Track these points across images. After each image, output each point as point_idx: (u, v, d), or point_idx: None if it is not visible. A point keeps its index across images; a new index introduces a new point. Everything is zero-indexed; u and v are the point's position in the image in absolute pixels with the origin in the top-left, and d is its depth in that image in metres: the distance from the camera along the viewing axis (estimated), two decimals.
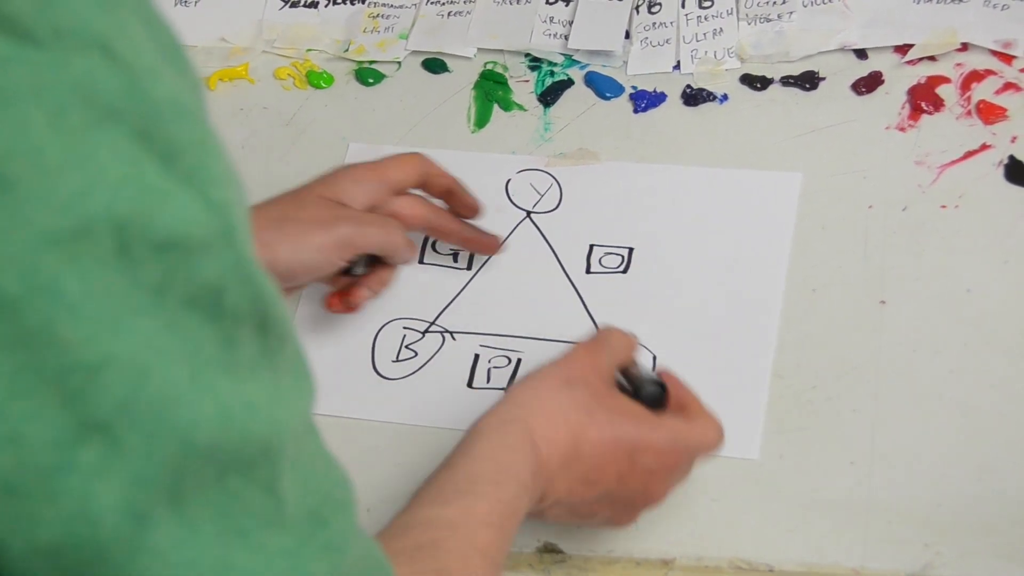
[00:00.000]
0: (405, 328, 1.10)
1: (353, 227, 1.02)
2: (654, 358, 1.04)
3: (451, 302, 1.11)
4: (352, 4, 1.31)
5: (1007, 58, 1.17)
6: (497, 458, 0.84)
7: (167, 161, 0.55)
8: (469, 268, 1.13)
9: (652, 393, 0.92)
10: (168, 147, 0.56)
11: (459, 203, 1.09)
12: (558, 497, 0.87)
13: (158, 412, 0.55)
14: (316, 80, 1.27)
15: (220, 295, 0.57)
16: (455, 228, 1.09)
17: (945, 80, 1.16)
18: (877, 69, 1.18)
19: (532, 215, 1.15)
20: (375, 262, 1.06)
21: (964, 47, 1.17)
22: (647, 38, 1.23)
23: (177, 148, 0.56)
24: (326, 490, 0.64)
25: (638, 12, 1.25)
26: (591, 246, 1.12)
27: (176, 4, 1.34)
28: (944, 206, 1.09)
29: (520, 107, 1.22)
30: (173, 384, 0.55)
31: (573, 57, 1.24)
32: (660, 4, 1.25)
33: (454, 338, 1.09)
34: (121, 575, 0.56)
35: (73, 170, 0.53)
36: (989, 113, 1.14)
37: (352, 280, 1.06)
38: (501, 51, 1.26)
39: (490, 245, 1.11)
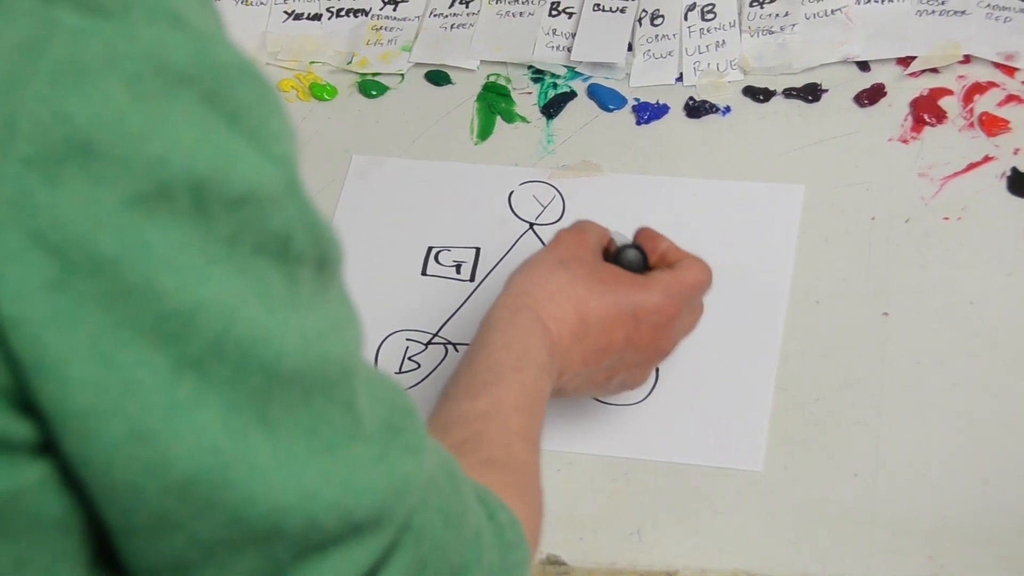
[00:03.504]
0: (408, 340, 1.10)
1: None
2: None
3: (454, 314, 1.11)
4: (355, 17, 1.31)
5: (1009, 70, 1.17)
6: (514, 346, 0.89)
7: (233, 122, 0.59)
8: (472, 280, 1.13)
9: (633, 257, 0.98)
10: (233, 108, 0.59)
11: None
12: (576, 370, 0.93)
13: (245, 347, 0.60)
14: (319, 92, 1.27)
15: (287, 241, 0.61)
16: None
17: (948, 92, 1.16)
18: (880, 81, 1.18)
19: (535, 227, 1.15)
20: None
21: (967, 59, 1.18)
22: (650, 50, 1.23)
23: (241, 108, 0.60)
24: (392, 400, 0.68)
25: (641, 24, 1.25)
26: None
27: None
28: (947, 218, 1.10)
29: (523, 119, 1.22)
30: (255, 322, 0.60)
31: (576, 69, 1.25)
32: (663, 16, 1.25)
33: (456, 350, 1.09)
34: (244, 495, 0.61)
35: (153, 136, 0.57)
36: (992, 125, 1.14)
37: None
38: (504, 63, 1.26)
39: None
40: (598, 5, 1.26)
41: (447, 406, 0.87)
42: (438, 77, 1.27)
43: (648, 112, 1.21)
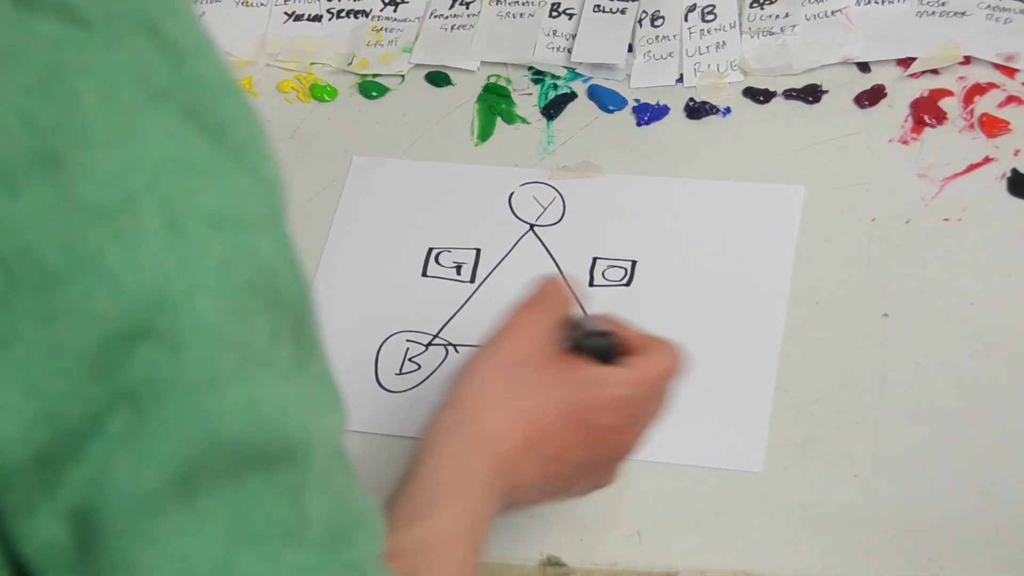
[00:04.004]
0: (408, 341, 1.10)
1: None
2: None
3: (454, 315, 1.11)
4: (356, 18, 1.31)
5: (1010, 71, 1.17)
6: (450, 467, 0.80)
7: (216, 137, 0.56)
8: (472, 281, 1.13)
9: (597, 345, 0.86)
10: (217, 123, 0.57)
11: None
12: (530, 483, 0.83)
13: (188, 394, 0.55)
14: (320, 93, 1.27)
15: (275, 277, 0.57)
16: None
17: (948, 93, 1.16)
18: (880, 82, 1.18)
19: (535, 228, 1.15)
20: None
21: (967, 60, 1.18)
22: (650, 51, 1.24)
23: (226, 124, 0.57)
24: (356, 514, 0.62)
25: (641, 25, 1.25)
26: (594, 259, 1.12)
27: None
28: (947, 219, 1.10)
29: (523, 120, 1.22)
30: (212, 368, 0.55)
31: (576, 70, 1.25)
32: (663, 17, 1.25)
33: (457, 351, 1.09)
34: (120, 554, 0.55)
35: (118, 146, 0.54)
36: (992, 126, 1.14)
37: None
38: (504, 64, 1.26)
39: None
40: (598, 6, 1.26)
41: (388, 535, 0.76)
42: (438, 78, 1.27)
43: (648, 113, 1.21)
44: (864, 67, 1.20)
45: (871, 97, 1.18)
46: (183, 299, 0.54)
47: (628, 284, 1.11)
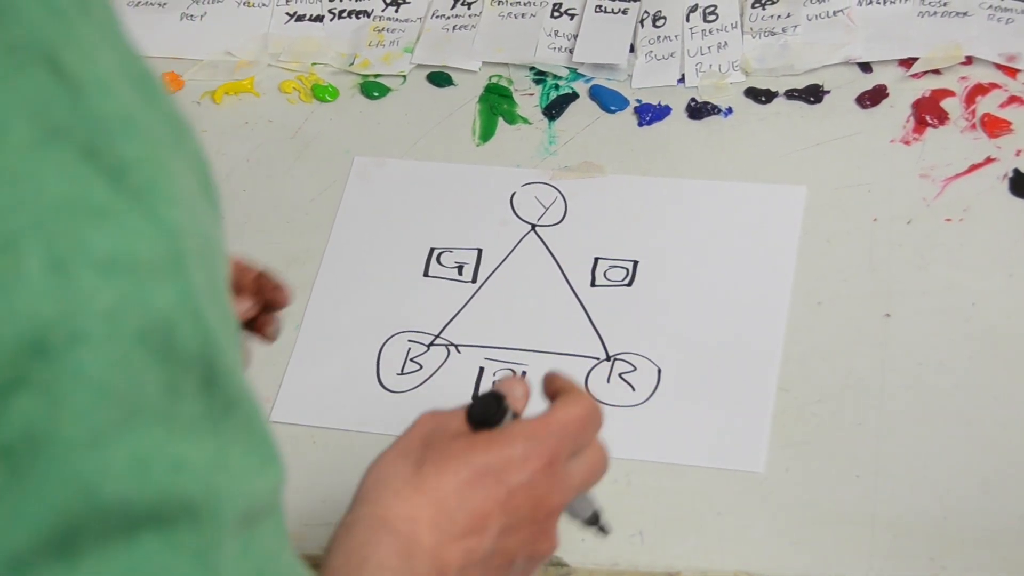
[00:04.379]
0: (410, 341, 1.10)
1: None
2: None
3: (456, 315, 1.11)
4: (357, 18, 1.31)
5: (1011, 71, 1.17)
6: (352, 557, 0.75)
7: (115, 179, 0.52)
8: (474, 281, 1.13)
9: (482, 409, 0.81)
10: (117, 164, 0.52)
11: (270, 288, 0.97)
12: (460, 564, 0.77)
13: (66, 451, 0.50)
14: (321, 93, 1.27)
15: (171, 330, 0.52)
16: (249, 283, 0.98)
17: (950, 93, 1.16)
18: (882, 82, 1.18)
19: (537, 228, 1.15)
20: None
21: (968, 60, 1.18)
22: (652, 51, 1.24)
23: (126, 165, 0.53)
24: None
25: (643, 26, 1.25)
26: (596, 259, 1.12)
27: (182, 18, 1.34)
28: (949, 219, 1.10)
29: (525, 120, 1.22)
30: (94, 423, 0.50)
31: (578, 70, 1.25)
32: (665, 18, 1.25)
33: (459, 351, 1.09)
34: None
35: (4, 184, 0.50)
36: (994, 126, 1.14)
37: None
38: (506, 64, 1.26)
39: (282, 299, 0.98)
40: (600, 7, 1.26)
41: None
42: (440, 78, 1.27)
43: (650, 113, 1.21)
44: (866, 67, 1.20)
45: (873, 97, 1.18)
46: (65, 348, 0.50)
47: (630, 284, 1.11)
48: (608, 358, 1.07)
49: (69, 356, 0.50)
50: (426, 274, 1.14)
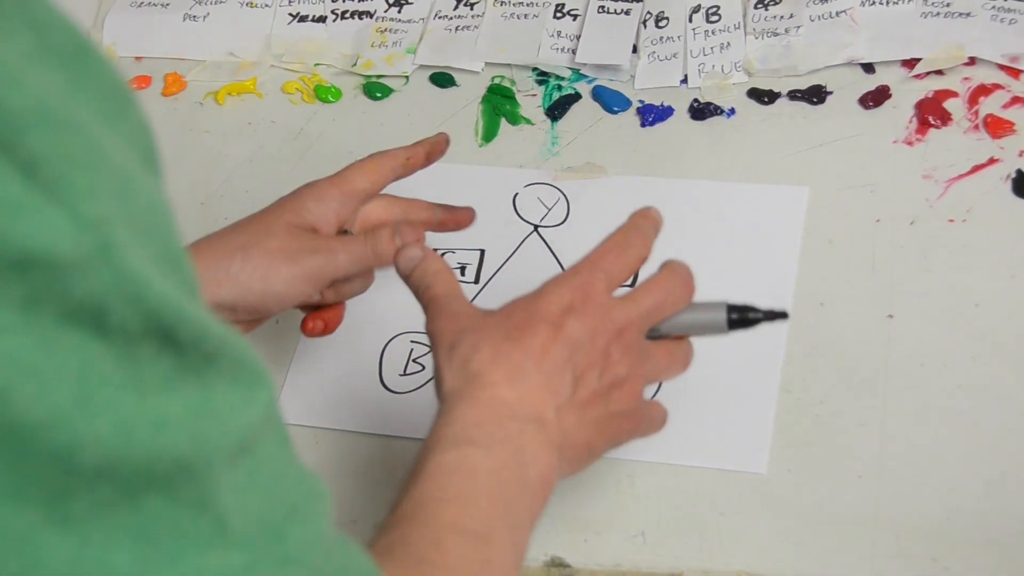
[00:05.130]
0: (412, 342, 1.10)
1: (322, 258, 0.98)
2: None
3: None
4: (360, 19, 1.31)
5: (1014, 72, 1.17)
6: (432, 437, 0.81)
7: (28, 173, 0.51)
8: (476, 282, 1.13)
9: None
10: (30, 158, 0.52)
11: (428, 154, 1.06)
12: (554, 406, 0.83)
13: (26, 432, 0.51)
14: (324, 94, 1.27)
15: (103, 313, 0.53)
16: (429, 217, 1.05)
17: (952, 94, 1.16)
18: (884, 83, 1.18)
19: (539, 229, 1.15)
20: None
21: (971, 61, 1.18)
22: (654, 52, 1.24)
23: (40, 159, 0.52)
24: (290, 502, 0.61)
25: (645, 26, 1.25)
26: None
27: (185, 19, 1.34)
28: (952, 220, 1.09)
29: (527, 121, 1.22)
30: (48, 403, 0.52)
31: (580, 71, 1.25)
32: (667, 18, 1.25)
33: None
34: None
35: None
36: (997, 127, 1.14)
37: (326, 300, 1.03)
38: (509, 65, 1.26)
39: (466, 217, 1.07)
40: (602, 7, 1.26)
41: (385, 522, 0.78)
42: (442, 79, 1.27)
43: (653, 114, 1.21)
44: (868, 68, 1.20)
45: (875, 98, 1.18)
46: None
47: (631, 285, 1.10)
48: None
49: None
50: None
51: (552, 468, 0.83)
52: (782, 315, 0.90)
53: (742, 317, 0.90)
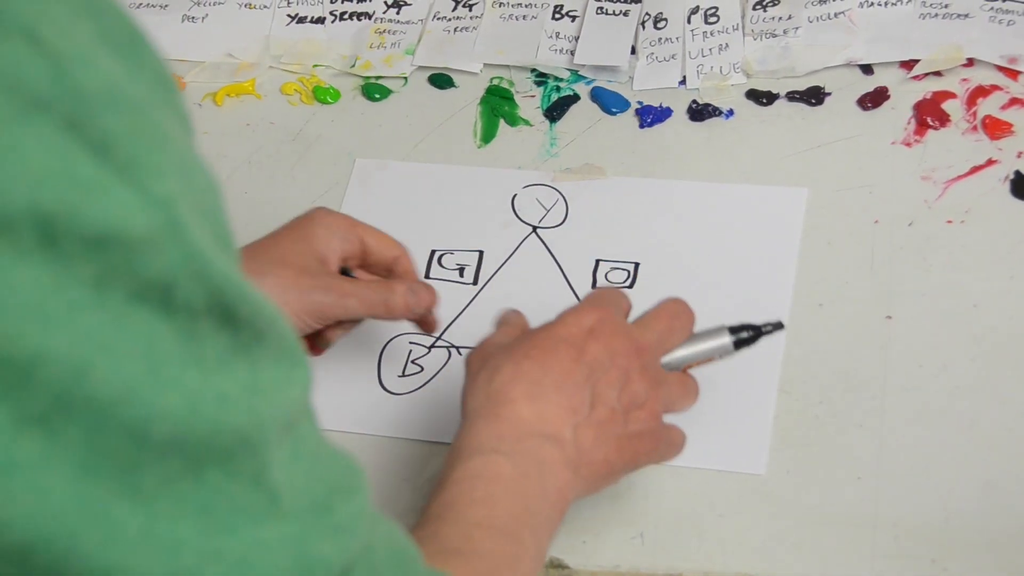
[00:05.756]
0: (411, 343, 1.10)
1: (333, 299, 0.99)
2: None
3: (457, 317, 1.11)
4: (359, 20, 1.31)
5: (1013, 73, 1.17)
6: (457, 444, 0.85)
7: (100, 153, 0.53)
8: (475, 283, 1.13)
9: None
10: (101, 138, 0.53)
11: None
12: (571, 424, 0.86)
13: (101, 407, 0.53)
14: (322, 95, 1.27)
15: (170, 290, 0.54)
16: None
17: (951, 95, 1.16)
18: (883, 84, 1.18)
19: (538, 230, 1.15)
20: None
21: (970, 62, 1.18)
22: (653, 53, 1.24)
23: (112, 139, 0.54)
24: (331, 479, 0.63)
25: (644, 28, 1.25)
26: (597, 261, 1.12)
27: (183, 20, 1.34)
28: (950, 221, 1.09)
29: (526, 122, 1.22)
30: (117, 379, 0.53)
31: (579, 72, 1.25)
32: (666, 20, 1.25)
33: (460, 353, 1.09)
34: (97, 567, 0.55)
35: None
36: (995, 128, 1.14)
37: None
38: (507, 66, 1.26)
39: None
40: (601, 8, 1.26)
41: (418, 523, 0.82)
42: (441, 80, 1.27)
43: (651, 115, 1.21)
44: (867, 69, 1.20)
45: (874, 99, 1.18)
46: (65, 318, 0.53)
47: (631, 286, 1.11)
48: None
49: (71, 326, 0.52)
50: (427, 276, 1.14)
51: (568, 485, 0.85)
52: (779, 326, 0.95)
53: (746, 337, 0.95)
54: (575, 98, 1.23)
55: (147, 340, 0.54)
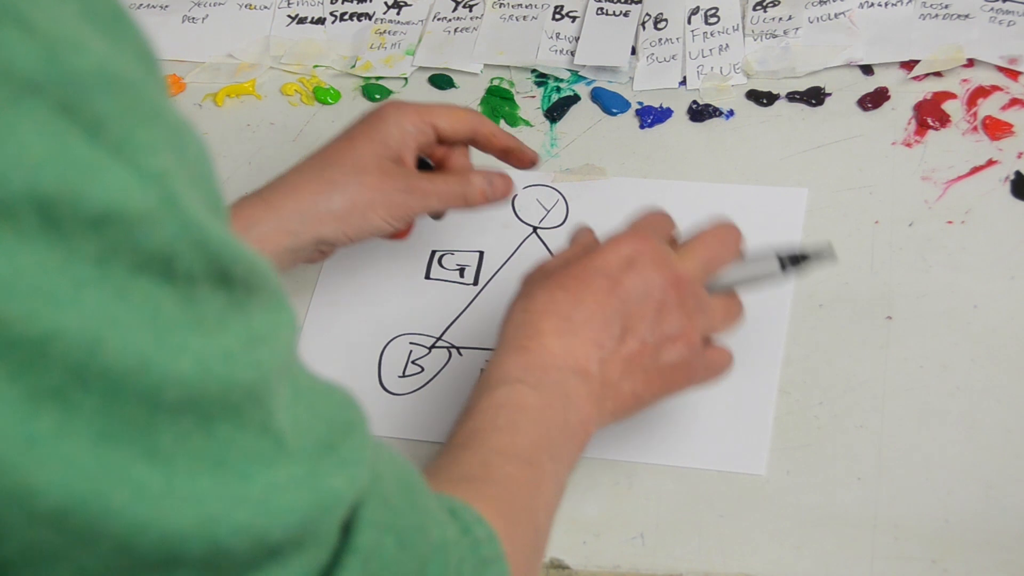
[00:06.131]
0: (411, 344, 1.10)
1: (415, 199, 1.03)
2: None
3: (457, 317, 1.11)
4: (359, 20, 1.31)
5: (1013, 74, 1.17)
6: (487, 375, 0.87)
7: (93, 134, 0.55)
8: (475, 284, 1.13)
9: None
10: (94, 119, 0.55)
11: (518, 159, 1.09)
12: (598, 359, 0.88)
13: (115, 376, 0.55)
14: (323, 96, 1.27)
15: (170, 261, 0.56)
16: (504, 145, 1.08)
17: (951, 96, 1.16)
18: (883, 85, 1.18)
19: (538, 230, 1.15)
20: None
21: (970, 63, 1.18)
22: (653, 54, 1.24)
23: (104, 119, 0.55)
24: (330, 415, 0.64)
25: (644, 28, 1.25)
26: None
27: (183, 20, 1.34)
28: (950, 221, 1.10)
29: (526, 123, 1.22)
30: (128, 348, 0.55)
31: (579, 73, 1.25)
32: (666, 20, 1.25)
33: (460, 353, 1.09)
34: (129, 523, 0.57)
35: None
36: (995, 129, 1.14)
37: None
38: (507, 67, 1.26)
39: (531, 158, 1.09)
40: (601, 9, 1.26)
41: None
42: (441, 81, 1.27)
43: (651, 116, 1.21)
44: (867, 70, 1.20)
45: (874, 100, 1.18)
46: (72, 296, 0.54)
47: None
48: None
49: (76, 301, 0.54)
50: (428, 276, 1.14)
51: (591, 418, 0.88)
52: (830, 253, 0.96)
53: (796, 265, 0.95)
54: (575, 99, 1.23)
55: (152, 310, 0.56)
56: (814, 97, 1.19)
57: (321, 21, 1.32)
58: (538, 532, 0.82)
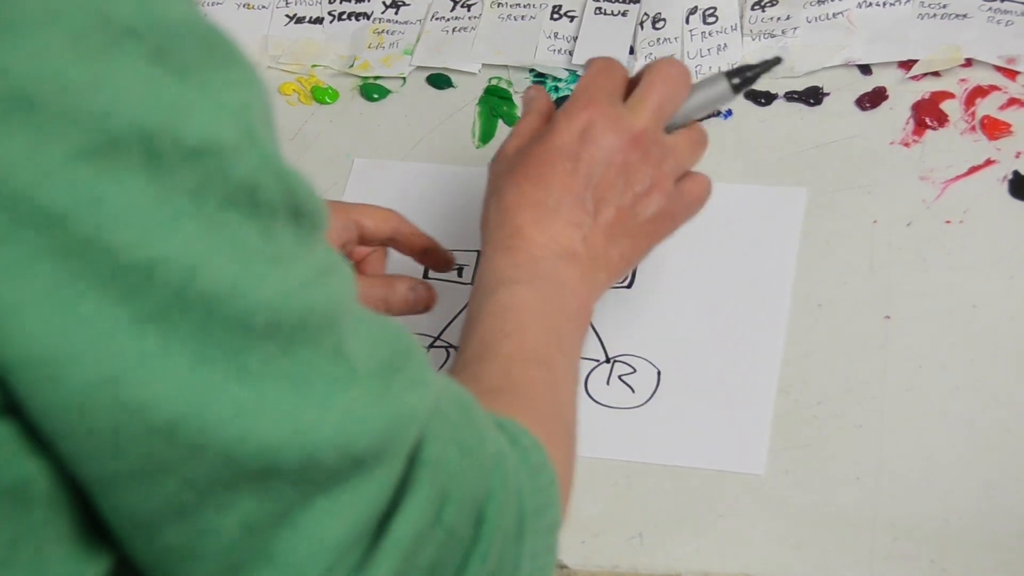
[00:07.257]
0: None
1: None
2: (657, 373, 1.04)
3: (455, 317, 1.11)
4: (357, 20, 1.31)
5: (1011, 74, 1.17)
6: (481, 279, 0.91)
7: (182, 75, 0.59)
8: (472, 283, 1.13)
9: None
10: (183, 63, 0.59)
11: (434, 261, 1.08)
12: (580, 237, 0.92)
13: (210, 302, 0.60)
14: (321, 96, 1.27)
15: (255, 192, 0.61)
16: (424, 246, 1.07)
17: (949, 96, 1.16)
18: (881, 84, 1.18)
19: None
20: None
21: (968, 63, 1.18)
22: (651, 54, 1.24)
23: (190, 63, 0.60)
24: (392, 343, 0.69)
25: (642, 28, 1.25)
26: None
27: None
28: (949, 221, 1.10)
29: None
30: (222, 276, 0.60)
31: (577, 73, 1.25)
32: (664, 20, 1.25)
33: None
34: (232, 434, 0.61)
35: (97, 89, 0.57)
36: (993, 128, 1.14)
37: None
38: (506, 67, 1.26)
39: (448, 259, 1.08)
40: (599, 8, 1.26)
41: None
42: (440, 80, 1.27)
43: None
44: (865, 69, 1.20)
45: (872, 99, 1.18)
46: (171, 226, 0.59)
47: (629, 286, 1.11)
48: (608, 360, 1.07)
49: (175, 231, 0.59)
50: (425, 276, 1.14)
51: (589, 296, 0.92)
52: (776, 61, 0.97)
53: (743, 78, 0.97)
54: None
55: (239, 241, 0.60)
56: (812, 97, 1.19)
57: (319, 21, 1.32)
58: (568, 428, 0.84)
